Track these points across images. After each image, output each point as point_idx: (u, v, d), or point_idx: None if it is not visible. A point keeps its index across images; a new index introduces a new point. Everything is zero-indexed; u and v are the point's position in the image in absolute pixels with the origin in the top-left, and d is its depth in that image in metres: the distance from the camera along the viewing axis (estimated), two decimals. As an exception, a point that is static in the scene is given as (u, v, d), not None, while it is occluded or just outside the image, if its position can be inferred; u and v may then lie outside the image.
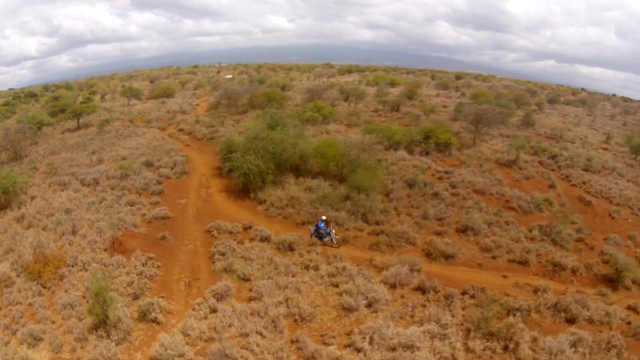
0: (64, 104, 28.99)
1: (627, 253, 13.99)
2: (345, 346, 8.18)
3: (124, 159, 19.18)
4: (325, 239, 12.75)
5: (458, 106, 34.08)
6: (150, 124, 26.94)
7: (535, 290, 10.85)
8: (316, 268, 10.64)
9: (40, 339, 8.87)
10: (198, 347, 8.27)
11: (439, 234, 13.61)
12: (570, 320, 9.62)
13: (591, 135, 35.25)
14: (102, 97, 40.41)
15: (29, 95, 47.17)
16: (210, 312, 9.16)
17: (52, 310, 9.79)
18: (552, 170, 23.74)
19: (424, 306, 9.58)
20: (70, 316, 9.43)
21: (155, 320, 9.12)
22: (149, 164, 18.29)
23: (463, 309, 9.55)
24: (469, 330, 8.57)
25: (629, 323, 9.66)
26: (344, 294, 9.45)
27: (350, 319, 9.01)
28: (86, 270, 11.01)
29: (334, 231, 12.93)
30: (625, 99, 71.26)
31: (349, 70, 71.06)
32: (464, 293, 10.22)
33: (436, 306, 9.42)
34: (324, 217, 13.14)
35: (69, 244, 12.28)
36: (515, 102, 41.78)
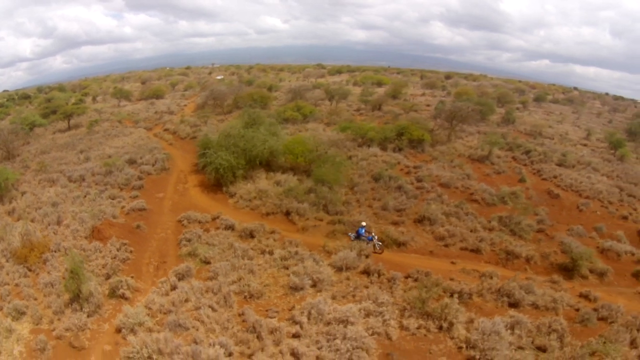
0: (55, 106, 30.70)
1: (589, 244, 14.94)
2: (286, 319, 9.52)
3: (109, 157, 20.67)
4: (368, 246, 12.79)
5: (438, 104, 35.36)
6: (137, 124, 28.47)
7: (482, 276, 11.73)
8: (271, 252, 12.02)
9: (24, 313, 10.32)
10: (157, 319, 9.68)
11: (395, 223, 14.92)
12: (514, 305, 10.38)
13: (572, 131, 36.41)
14: (94, 99, 42.14)
15: (22, 97, 49.09)
16: (171, 290, 10.57)
17: (35, 289, 11.25)
18: (525, 165, 24.93)
19: (367, 287, 10.82)
20: (50, 293, 10.88)
21: (122, 296, 10.55)
22: (132, 162, 19.75)
23: (405, 291, 10.74)
24: (404, 310, 9.70)
25: (577, 310, 10.28)
26: (291, 275, 10.80)
27: (295, 297, 10.35)
28: (67, 255, 12.46)
29: (376, 237, 13.02)
30: (617, 98, 72.60)
31: (339, 71, 72.59)
32: (407, 277, 11.45)
33: (378, 287, 10.67)
34: (363, 224, 13.22)
35: (54, 233, 13.77)
36: (498, 101, 43.11)
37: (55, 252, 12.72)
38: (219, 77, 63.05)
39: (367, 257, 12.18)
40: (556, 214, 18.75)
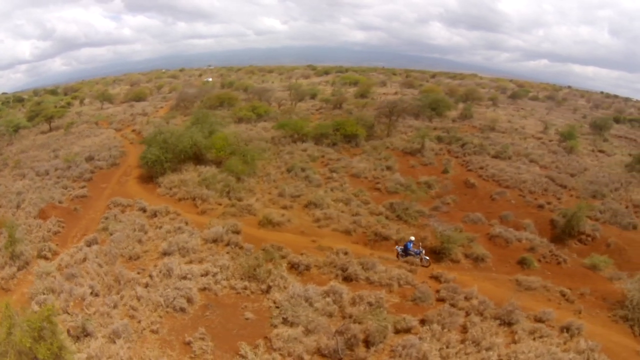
0: (40, 109, 36.35)
1: (479, 230, 17.22)
2: (147, 275, 13.23)
3: (76, 154, 25.40)
4: (415, 259, 13.54)
5: (414, 103, 38.16)
6: (111, 126, 33.38)
7: (337, 253, 14.08)
8: (160, 227, 15.92)
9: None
10: (61, 270, 13.81)
11: (285, 207, 18.35)
12: (348, 279, 12.64)
13: (532, 126, 38.02)
14: (81, 102, 48.06)
15: (16, 100, 56.16)
16: (78, 252, 14.70)
17: (-12, 253, 15.75)
18: (457, 157, 27.41)
19: (218, 255, 14.17)
20: (-4, 255, 15.33)
21: (45, 257, 14.82)
22: (90, 158, 24.37)
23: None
24: (237, 273, 12.58)
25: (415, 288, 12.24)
26: (166, 244, 14.61)
27: (163, 260, 14.13)
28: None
29: (424, 251, 13.81)
30: (609, 96, 72.92)
31: (327, 72, 76.11)
32: (263, 249, 14.44)
33: (227, 254, 14.21)
34: (412, 238, 14.00)
35: (12, 214, 18.38)
36: (466, 98, 45.41)
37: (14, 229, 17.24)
38: (208, 79, 68.12)
39: (238, 233, 15.62)
40: (466, 202, 21.27)
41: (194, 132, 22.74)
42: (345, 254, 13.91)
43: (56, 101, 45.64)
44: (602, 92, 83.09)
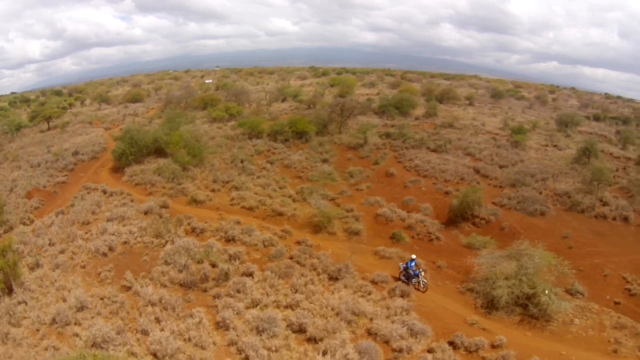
0: (40, 110, 43.57)
1: (372, 211, 21.42)
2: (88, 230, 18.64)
3: (65, 150, 31.71)
4: (413, 281, 14.27)
5: (365, 102, 42.51)
6: (102, 125, 39.89)
7: (237, 223, 18.78)
8: (110, 202, 21.44)
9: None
10: (34, 232, 19.57)
11: (213, 190, 23.45)
12: (229, 239, 17.07)
13: (493, 123, 41.09)
14: (82, 103, 55.55)
15: (22, 100, 64.86)
16: (48, 220, 20.44)
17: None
18: (395, 150, 31.53)
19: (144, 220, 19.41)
20: (-8, 223, 21.43)
21: (24, 223, 20.69)
22: (76, 153, 30.56)
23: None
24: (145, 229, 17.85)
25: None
26: (110, 213, 20.04)
27: (104, 223, 19.47)
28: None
29: (423, 273, 14.44)
30: (609, 97, 75.38)
31: (324, 73, 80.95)
32: (177, 218, 19.52)
33: (149, 219, 19.37)
34: (413, 256, 14.70)
35: (6, 195, 24.59)
36: (442, 97, 49.24)
37: (5, 206, 23.44)
38: (207, 81, 74.84)
39: (167, 207, 20.96)
40: (379, 189, 25.59)
41: (157, 130, 28.34)
42: (238, 223, 18.80)
43: (59, 102, 53.19)
44: (606, 94, 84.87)
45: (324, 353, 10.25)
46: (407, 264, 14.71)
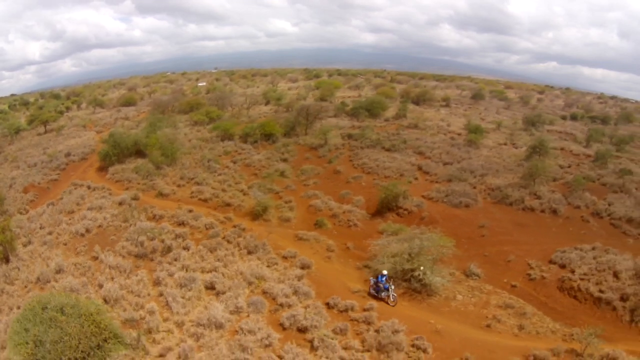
0: (38, 114, 48.80)
1: (306, 202, 25.60)
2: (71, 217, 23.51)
3: (59, 152, 36.70)
4: (382, 294, 14.95)
5: (339, 105, 46.81)
6: (95, 128, 44.91)
7: (190, 211, 23.44)
8: (92, 196, 26.22)
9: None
10: (29, 219, 24.42)
11: (179, 185, 28.07)
12: (180, 224, 21.43)
13: (459, 123, 44.34)
14: (78, 106, 60.86)
15: (22, 103, 70.47)
16: (41, 210, 25.26)
17: (-9, 212, 26.90)
18: (352, 150, 35.66)
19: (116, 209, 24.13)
20: (-5, 213, 26.41)
21: (20, 212, 25.58)
22: (68, 154, 35.52)
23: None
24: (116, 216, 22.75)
25: (211, 230, 21.92)
26: (91, 203, 24.78)
27: (84, 211, 24.18)
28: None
29: (393, 287, 15.06)
30: (600, 97, 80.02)
31: (317, 75, 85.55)
32: (143, 209, 24.28)
33: (121, 208, 24.06)
34: (385, 272, 15.32)
35: (5, 191, 29.58)
36: (418, 99, 53.31)
37: (5, 199, 28.44)
38: (200, 84, 79.88)
39: (138, 199, 25.69)
40: (324, 184, 29.82)
41: (138, 134, 33.15)
42: (190, 211, 23.36)
43: (57, 105, 58.39)
44: (601, 94, 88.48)
45: (222, 302, 14.65)
46: (377, 278, 15.55)
